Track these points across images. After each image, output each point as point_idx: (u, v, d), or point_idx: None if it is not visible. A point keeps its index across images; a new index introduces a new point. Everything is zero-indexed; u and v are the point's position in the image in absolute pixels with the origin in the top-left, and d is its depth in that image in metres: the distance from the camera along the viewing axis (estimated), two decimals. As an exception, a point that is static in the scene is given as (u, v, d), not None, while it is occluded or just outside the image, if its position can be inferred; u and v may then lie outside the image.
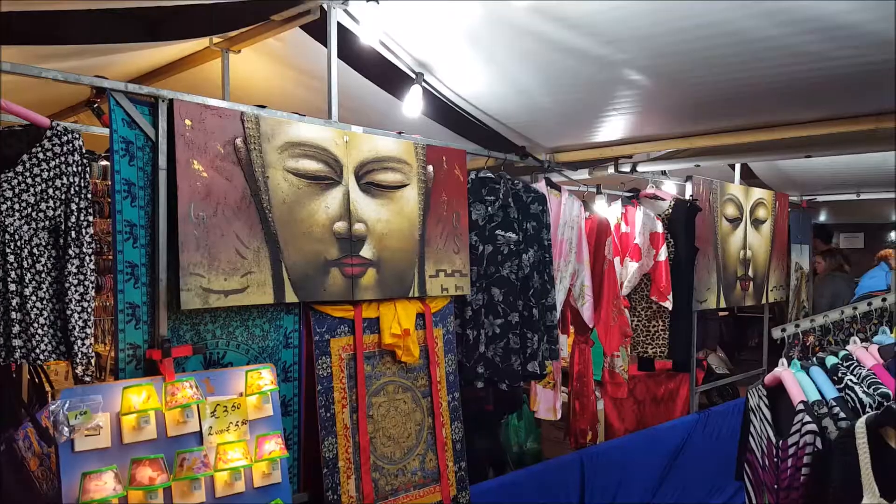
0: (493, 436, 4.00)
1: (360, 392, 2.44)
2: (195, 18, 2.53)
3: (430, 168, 2.70)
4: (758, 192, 4.60)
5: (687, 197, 4.01)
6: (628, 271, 3.90)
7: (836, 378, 1.71)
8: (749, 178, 4.96)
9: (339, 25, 2.44)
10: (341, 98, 2.45)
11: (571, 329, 3.69)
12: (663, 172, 4.10)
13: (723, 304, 4.40)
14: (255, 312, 2.15)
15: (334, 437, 2.30)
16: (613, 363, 3.94)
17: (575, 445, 3.69)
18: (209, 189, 2.00)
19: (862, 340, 1.86)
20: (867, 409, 1.56)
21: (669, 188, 4.18)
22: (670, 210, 3.93)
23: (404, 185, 2.60)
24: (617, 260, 3.86)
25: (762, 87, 2.52)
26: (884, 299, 2.01)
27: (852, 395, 1.63)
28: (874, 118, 2.58)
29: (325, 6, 2.38)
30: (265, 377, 2.01)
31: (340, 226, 2.34)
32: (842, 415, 1.59)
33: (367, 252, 2.45)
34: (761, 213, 4.64)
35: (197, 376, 1.93)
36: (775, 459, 1.75)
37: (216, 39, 2.79)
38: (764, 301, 4.78)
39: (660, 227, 3.85)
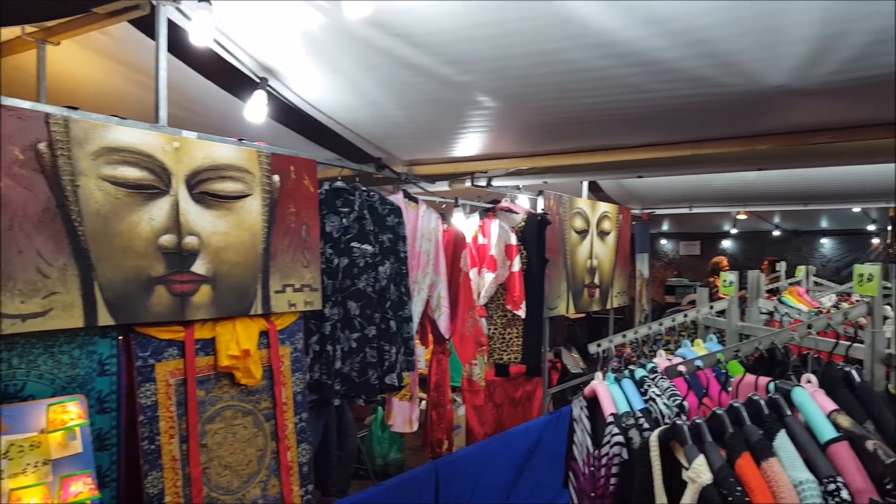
0: (356, 449, 3.95)
1: (192, 420, 2.28)
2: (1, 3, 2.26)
3: (277, 178, 2.60)
4: (603, 206, 4.91)
5: (538, 210, 4.20)
6: (485, 281, 4.01)
7: (643, 390, 1.84)
8: (597, 192, 5.29)
9: (172, 23, 2.28)
10: (181, 101, 2.29)
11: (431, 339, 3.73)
12: (518, 187, 4.26)
13: (572, 311, 4.66)
14: (62, 338, 1.94)
15: (160, 470, 2.14)
16: (472, 371, 4.03)
17: (432, 455, 3.72)
18: (4, 200, 1.78)
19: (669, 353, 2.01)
20: (667, 420, 1.69)
21: (523, 202, 4.35)
22: (523, 223, 4.09)
23: (245, 196, 2.48)
24: (475, 271, 3.96)
25: (597, 113, 2.68)
26: (685, 315, 2.21)
27: (655, 406, 1.76)
28: (691, 145, 2.84)
29: (153, 2, 2.21)
30: (72, 410, 1.82)
31: (167, 239, 2.17)
32: (646, 426, 1.71)
33: (200, 267, 2.30)
34: (606, 225, 4.96)
35: (-15, 413, 1.70)
36: (591, 468, 1.85)
37: (29, 29, 2.51)
38: (609, 306, 5.12)
39: (514, 240, 4.00)
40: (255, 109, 2.71)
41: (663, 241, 11.78)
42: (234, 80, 2.80)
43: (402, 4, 2.06)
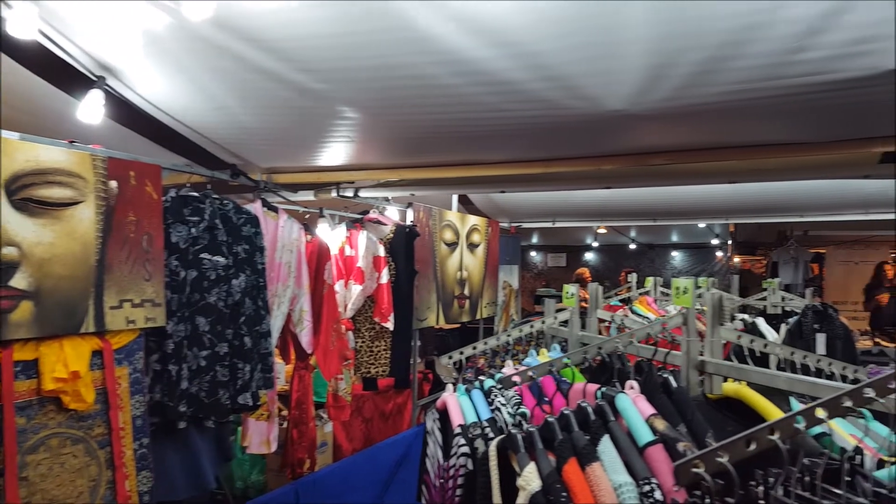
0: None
1: (9, 451, 2.04)
2: None
3: (114, 184, 2.40)
4: (473, 219, 5.04)
5: (408, 222, 4.22)
6: (352, 294, 3.95)
7: (490, 400, 1.88)
8: (467, 204, 5.42)
9: (-11, 11, 2.05)
10: (11, 99, 2.05)
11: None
12: (386, 198, 4.25)
13: (442, 322, 4.72)
14: None
15: (-38, 510, 1.89)
16: (337, 386, 3.95)
17: (292, 476, 3.59)
18: None
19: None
20: (510, 429, 1.73)
21: (392, 213, 4.35)
22: (392, 234, 4.09)
23: (76, 203, 2.27)
24: (341, 283, 3.89)
25: (455, 129, 2.74)
26: (532, 325, 2.30)
27: (500, 415, 1.80)
28: (544, 163, 2.98)
29: (-38, -14, 1.98)
30: None
31: (-22, 251, 1.94)
32: (491, 435, 1.75)
33: (20, 282, 2.07)
34: (476, 237, 5.09)
35: None
36: (441, 480, 1.86)
37: None
38: (479, 316, 5.25)
39: (382, 251, 3.98)
40: (91, 109, 2.50)
41: (533, 253, 12.33)
42: (71, 79, 2.56)
43: (249, 8, 1.98)
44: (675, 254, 11.95)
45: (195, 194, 2.80)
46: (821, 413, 1.14)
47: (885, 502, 1.11)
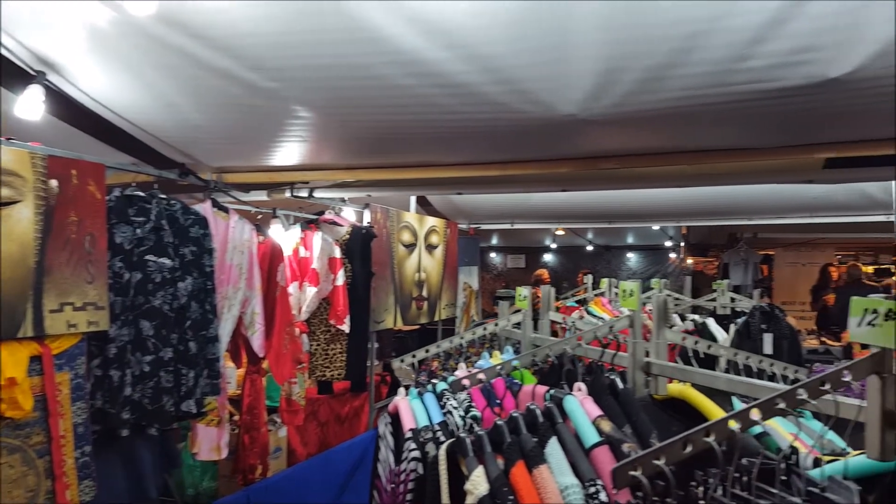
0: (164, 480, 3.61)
1: (-63, 461, 1.95)
2: None
3: (55, 183, 2.31)
4: (431, 220, 5.03)
5: (364, 223, 4.18)
6: (307, 296, 3.89)
7: (442, 403, 1.87)
8: (426, 206, 5.41)
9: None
10: None
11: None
12: (343, 199, 4.21)
13: (400, 324, 4.70)
14: None
15: None
16: (291, 390, 3.88)
17: (244, 482, 3.52)
18: None
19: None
20: (459, 433, 1.73)
21: (349, 214, 4.31)
22: (348, 236, 4.05)
23: (13, 203, 2.17)
24: (295, 285, 3.83)
25: (411, 130, 2.72)
26: (485, 328, 2.31)
27: (452, 419, 1.80)
28: (500, 165, 2.99)
29: None
30: None
31: None
32: (442, 439, 1.74)
33: (-51, 285, 1.98)
34: (434, 238, 5.08)
35: None
36: (392, 485, 1.84)
37: None
38: (437, 318, 5.24)
39: (338, 253, 3.93)
40: (30, 106, 2.40)
41: (492, 255, 12.40)
42: (9, 74, 2.45)
43: (197, 4, 1.93)
44: (630, 255, 12.18)
45: (141, 194, 2.72)
46: (755, 414, 1.17)
47: (818, 501, 1.15)
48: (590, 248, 11.55)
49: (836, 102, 2.15)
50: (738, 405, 1.74)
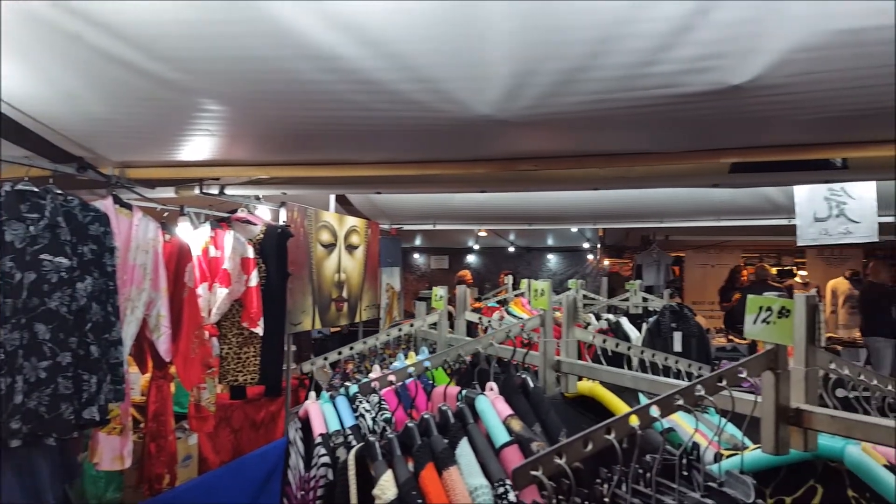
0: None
1: None
2: None
3: (-74, 176, 2.10)
4: (351, 220, 4.95)
5: (280, 222, 4.06)
6: (218, 297, 3.72)
7: (355, 406, 1.83)
8: (346, 205, 5.32)
9: None
10: None
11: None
12: (257, 197, 4.07)
13: (318, 326, 4.60)
14: None
15: None
16: (200, 395, 3.71)
17: (150, 492, 3.33)
18: None
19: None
20: (369, 437, 1.69)
21: (263, 213, 4.17)
22: (262, 235, 3.91)
23: None
24: (205, 286, 3.66)
25: (326, 127, 2.65)
26: (401, 329, 2.29)
27: (365, 422, 1.76)
28: (418, 165, 2.97)
29: None
30: None
31: None
32: (354, 443, 1.70)
33: None
34: (355, 239, 5.00)
35: None
36: (302, 492, 1.78)
37: None
38: (358, 319, 5.17)
39: (251, 253, 3.79)
40: None
41: (416, 255, 12.39)
42: None
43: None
44: (550, 257, 12.49)
45: (34, 189, 2.53)
46: (655, 411, 1.20)
47: (716, 495, 1.18)
48: (511, 249, 11.75)
49: (739, 109, 2.25)
50: (645, 402, 1.79)
